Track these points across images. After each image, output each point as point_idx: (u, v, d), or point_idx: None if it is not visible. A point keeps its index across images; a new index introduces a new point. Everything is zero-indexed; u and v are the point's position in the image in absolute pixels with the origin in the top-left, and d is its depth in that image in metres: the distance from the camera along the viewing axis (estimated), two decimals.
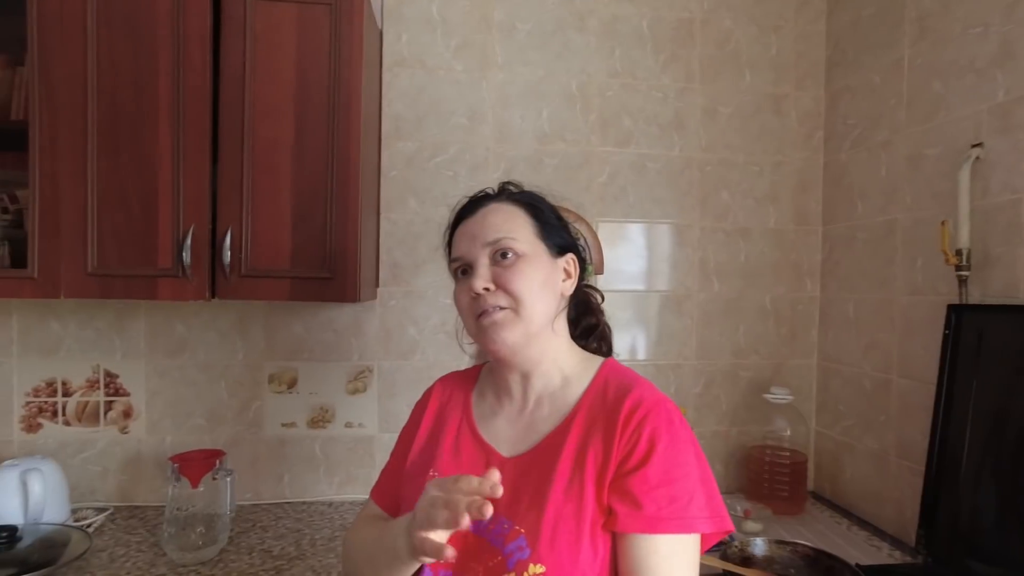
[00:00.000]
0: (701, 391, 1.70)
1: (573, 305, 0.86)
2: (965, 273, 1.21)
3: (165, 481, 1.43)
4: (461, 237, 0.80)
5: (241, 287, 1.23)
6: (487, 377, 0.89)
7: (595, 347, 0.89)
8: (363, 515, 0.91)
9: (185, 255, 1.18)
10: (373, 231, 1.49)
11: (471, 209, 0.82)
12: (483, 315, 0.76)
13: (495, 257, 0.77)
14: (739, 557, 1.19)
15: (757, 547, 1.21)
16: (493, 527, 0.72)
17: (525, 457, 0.77)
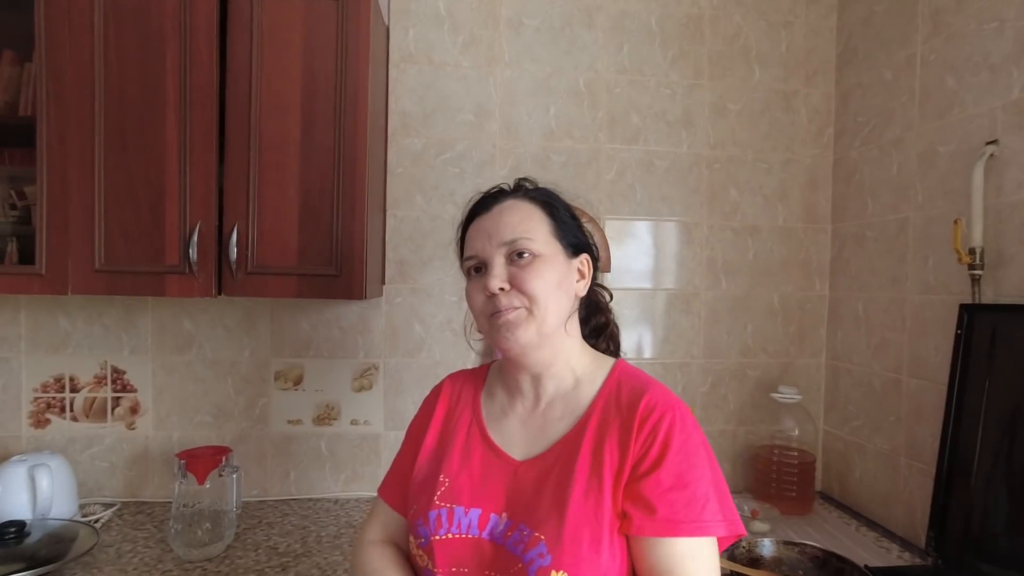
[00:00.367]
0: (708, 390, 1.69)
1: (583, 304, 0.85)
2: (978, 272, 1.19)
3: (172, 477, 1.43)
4: (476, 235, 0.79)
5: (247, 284, 1.23)
6: (496, 377, 0.88)
7: (604, 347, 0.89)
8: (373, 523, 0.88)
9: (192, 252, 1.18)
10: (379, 228, 1.49)
11: (486, 205, 0.81)
12: (497, 314, 0.75)
13: (511, 256, 0.76)
14: (747, 558, 1.18)
15: (765, 548, 1.20)
16: (511, 534, 0.71)
17: (539, 460, 0.76)
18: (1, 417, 1.47)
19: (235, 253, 1.20)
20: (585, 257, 0.82)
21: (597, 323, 0.89)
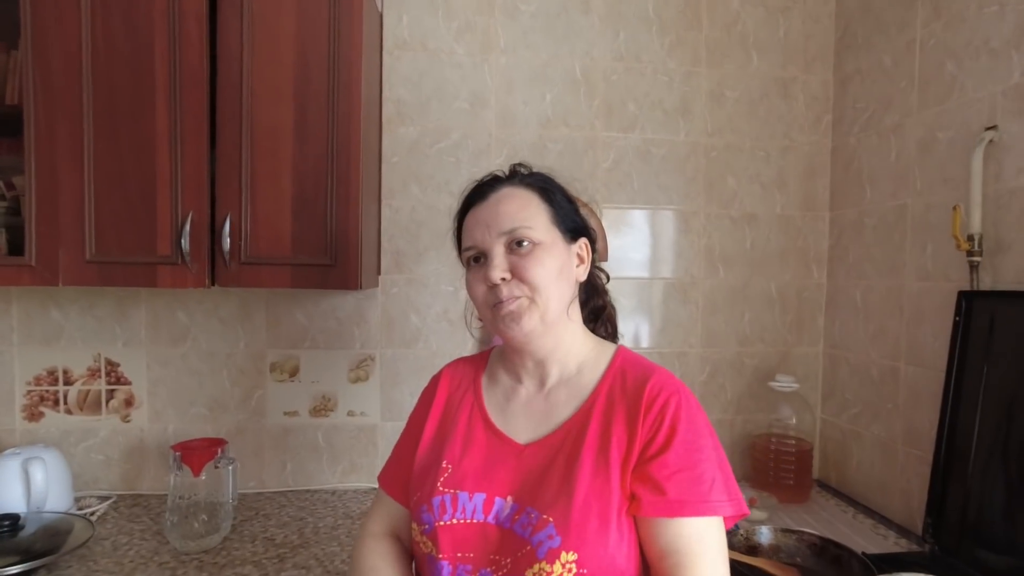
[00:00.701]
0: (706, 379, 1.68)
1: (582, 287, 0.85)
2: (977, 259, 1.19)
3: (168, 470, 1.42)
4: (474, 224, 0.78)
5: (241, 274, 1.21)
6: (497, 363, 0.87)
7: (602, 330, 0.89)
8: (376, 515, 0.87)
9: (184, 242, 1.17)
10: (375, 218, 1.48)
11: (482, 194, 0.80)
12: (500, 305, 0.75)
13: (511, 246, 0.75)
14: (745, 546, 1.18)
15: (763, 535, 1.20)
16: (518, 517, 0.71)
17: (544, 443, 0.76)
18: None
19: (228, 243, 1.19)
20: (584, 241, 0.82)
21: (595, 305, 0.90)
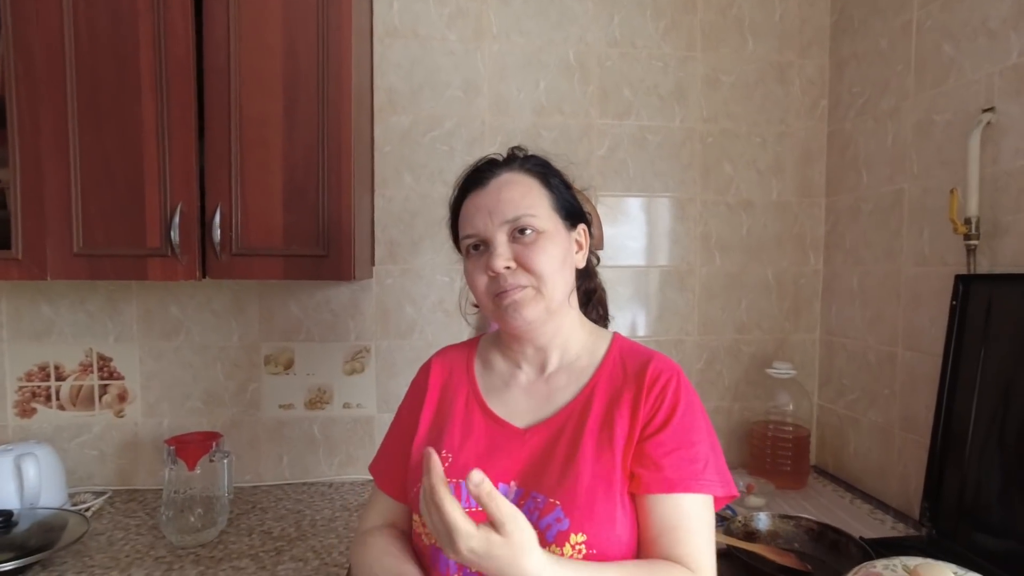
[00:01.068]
0: (703, 367, 1.68)
1: (577, 272, 0.84)
2: (974, 242, 1.18)
3: (163, 464, 1.41)
4: (475, 211, 0.76)
5: (233, 266, 1.20)
6: (491, 349, 0.87)
7: (593, 313, 0.90)
8: (374, 513, 0.86)
9: (174, 234, 1.15)
10: (367, 208, 1.46)
11: (481, 180, 0.78)
12: (503, 294, 0.74)
13: (513, 234, 0.74)
14: (743, 532, 1.18)
15: (761, 522, 1.20)
16: (524, 502, 0.71)
17: (544, 426, 0.76)
18: None
19: (219, 234, 1.17)
20: (582, 227, 0.82)
21: (587, 288, 0.90)
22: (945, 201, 1.25)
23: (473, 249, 0.77)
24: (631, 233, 1.63)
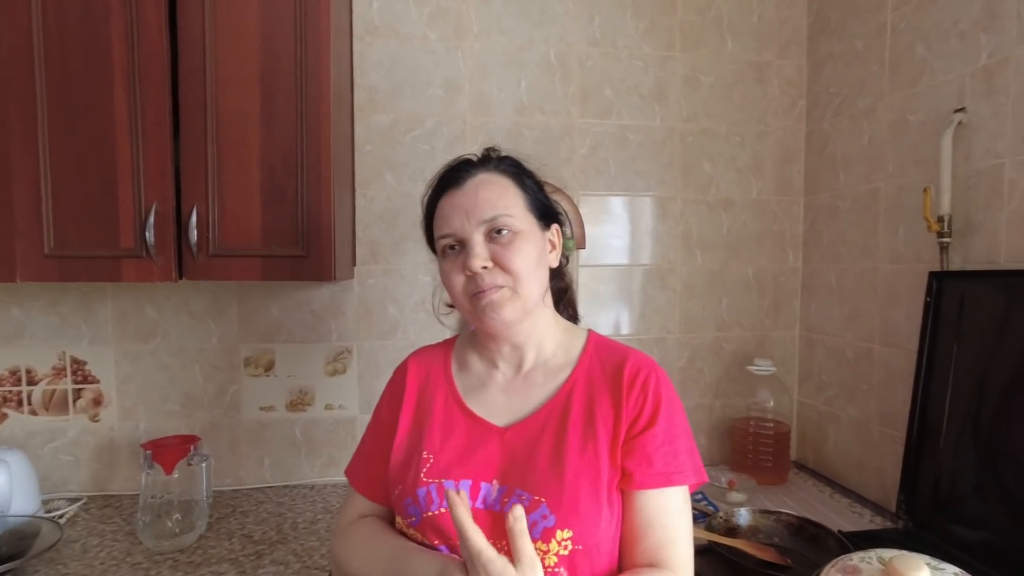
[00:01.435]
0: (685, 364, 1.69)
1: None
2: (947, 240, 1.21)
3: (140, 469, 1.39)
4: (451, 211, 0.76)
5: (210, 267, 1.18)
6: (467, 349, 0.87)
7: (565, 313, 0.91)
8: (351, 513, 0.85)
9: (148, 234, 1.13)
10: (348, 207, 1.45)
11: (457, 180, 0.78)
12: (480, 294, 0.74)
13: (490, 234, 0.75)
14: (724, 528, 1.19)
15: (742, 517, 1.21)
16: (508, 500, 0.72)
17: (525, 424, 0.77)
18: None
19: (195, 235, 1.15)
20: (555, 227, 0.83)
21: (558, 287, 0.90)
22: (919, 199, 1.27)
23: (449, 249, 0.77)
24: (613, 232, 1.64)
